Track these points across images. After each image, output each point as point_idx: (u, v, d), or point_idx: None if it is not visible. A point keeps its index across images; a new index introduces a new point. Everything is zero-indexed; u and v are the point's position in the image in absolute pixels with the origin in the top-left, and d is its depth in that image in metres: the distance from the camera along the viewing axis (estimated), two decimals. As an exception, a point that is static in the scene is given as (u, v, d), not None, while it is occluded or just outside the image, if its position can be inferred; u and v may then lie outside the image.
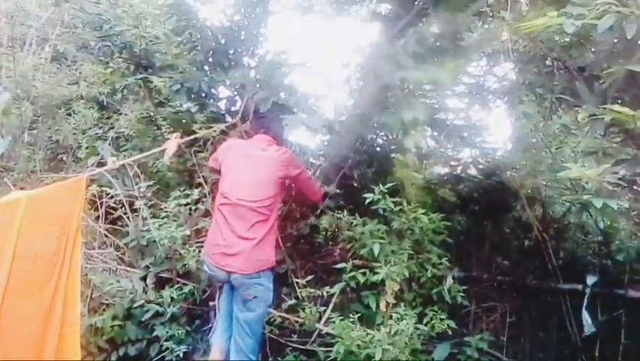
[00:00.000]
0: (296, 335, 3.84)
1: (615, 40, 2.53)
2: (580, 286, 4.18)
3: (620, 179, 2.32)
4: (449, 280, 3.84)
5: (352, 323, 3.42)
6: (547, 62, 3.69)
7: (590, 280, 4.14)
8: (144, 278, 3.87)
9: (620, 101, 2.66)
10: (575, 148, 4.54)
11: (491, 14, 4.49)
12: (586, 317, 3.98)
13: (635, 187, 2.61)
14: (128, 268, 3.97)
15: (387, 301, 3.59)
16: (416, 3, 4.32)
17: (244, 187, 3.22)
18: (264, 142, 3.46)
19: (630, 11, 2.14)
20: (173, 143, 3.57)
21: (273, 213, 3.24)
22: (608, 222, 4.60)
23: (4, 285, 2.29)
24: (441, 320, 3.65)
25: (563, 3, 2.43)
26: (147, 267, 3.92)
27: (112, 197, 4.11)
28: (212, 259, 3.21)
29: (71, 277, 2.47)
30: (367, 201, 3.69)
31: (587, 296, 4.07)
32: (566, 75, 3.37)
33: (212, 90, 4.41)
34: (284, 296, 3.86)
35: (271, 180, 3.25)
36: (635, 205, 2.49)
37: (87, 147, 4.61)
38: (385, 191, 3.64)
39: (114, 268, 3.99)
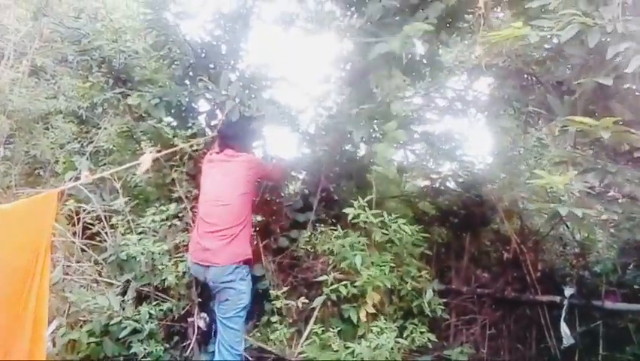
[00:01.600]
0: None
1: (591, 55, 2.61)
2: (558, 298, 4.22)
3: (590, 188, 2.36)
4: (429, 293, 3.84)
5: (333, 336, 3.41)
6: (526, 76, 3.77)
7: (568, 291, 4.17)
8: (123, 294, 3.81)
9: (595, 113, 2.72)
10: (550, 160, 4.62)
11: (470, 31, 4.58)
12: (564, 328, 4.00)
13: (608, 197, 2.65)
14: (108, 280, 3.91)
15: (367, 312, 3.58)
16: (396, 19, 4.38)
17: (217, 188, 3.49)
18: (231, 152, 3.64)
19: (594, 22, 2.21)
20: (147, 157, 3.54)
21: (245, 210, 3.48)
22: (585, 235, 4.65)
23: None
24: (421, 333, 3.66)
25: (534, 18, 2.49)
26: (126, 282, 3.86)
27: (89, 212, 4.06)
28: (194, 256, 3.47)
29: (41, 295, 2.42)
30: (350, 217, 3.69)
31: (565, 308, 4.10)
32: (541, 89, 3.43)
33: (193, 104, 4.40)
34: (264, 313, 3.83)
35: (240, 179, 3.49)
36: (608, 215, 2.53)
37: (64, 162, 4.56)
38: (365, 204, 3.64)
39: (92, 284, 3.92)
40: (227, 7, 4.61)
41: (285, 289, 3.75)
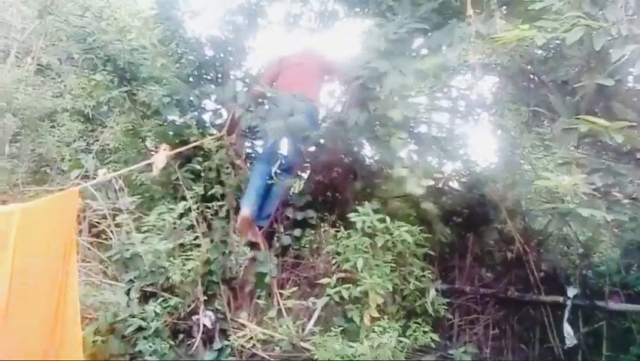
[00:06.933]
0: (279, 349, 3.81)
1: (592, 57, 2.61)
2: (561, 298, 4.23)
3: (595, 189, 2.37)
4: (432, 293, 3.85)
5: (334, 336, 3.41)
6: (531, 76, 3.76)
7: (571, 292, 4.18)
8: (128, 292, 3.83)
9: (598, 114, 2.72)
10: (554, 161, 4.62)
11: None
12: (567, 328, 4.02)
13: (611, 198, 2.65)
14: (112, 282, 3.93)
15: (370, 315, 3.58)
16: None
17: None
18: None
19: (598, 25, 2.22)
20: (162, 156, 3.56)
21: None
22: (589, 234, 4.65)
23: (6, 299, 2.27)
24: (424, 332, 3.66)
25: (536, 18, 2.50)
26: (131, 281, 3.88)
27: (95, 210, 4.08)
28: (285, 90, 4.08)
29: (71, 293, 2.46)
30: (353, 218, 3.70)
31: (568, 308, 4.11)
32: (543, 89, 3.44)
33: (199, 102, 4.42)
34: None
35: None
36: (613, 216, 2.53)
37: (70, 160, 4.59)
38: (370, 211, 3.64)
39: (98, 282, 3.95)
40: (233, 5, 4.64)
41: (293, 289, 3.79)
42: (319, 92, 4.42)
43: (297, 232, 4.12)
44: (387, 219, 3.68)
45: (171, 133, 4.35)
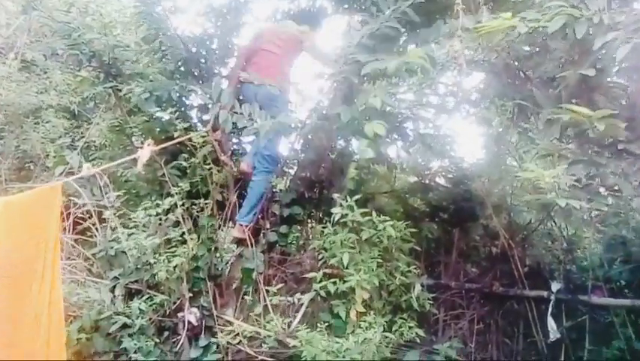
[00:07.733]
0: (265, 345, 3.81)
1: (575, 49, 2.64)
2: (545, 293, 4.27)
3: (576, 181, 2.40)
4: (418, 288, 3.86)
5: (320, 332, 3.42)
6: (517, 72, 3.79)
7: (555, 286, 4.22)
8: (113, 289, 3.81)
9: (580, 105, 2.75)
10: (537, 153, 4.66)
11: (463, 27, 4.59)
12: (551, 323, 4.06)
13: (593, 190, 2.67)
14: (96, 279, 3.91)
15: (356, 310, 3.59)
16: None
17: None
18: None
19: (580, 13, 2.25)
20: (146, 150, 3.54)
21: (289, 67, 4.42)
22: (573, 230, 4.70)
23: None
24: (410, 327, 3.68)
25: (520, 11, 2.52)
26: (116, 278, 3.86)
27: (79, 207, 4.05)
28: (250, 79, 4.16)
29: (55, 287, 2.45)
30: (337, 215, 3.70)
31: (552, 302, 4.15)
32: (529, 84, 3.46)
33: (184, 99, 4.40)
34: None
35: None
36: (592, 206, 2.56)
37: (55, 156, 4.54)
38: (353, 204, 3.64)
39: (82, 280, 3.92)
40: (218, 2, 4.63)
41: (279, 286, 3.79)
42: (287, 78, 4.38)
43: (283, 228, 4.12)
44: (374, 213, 3.69)
45: (157, 129, 4.34)
